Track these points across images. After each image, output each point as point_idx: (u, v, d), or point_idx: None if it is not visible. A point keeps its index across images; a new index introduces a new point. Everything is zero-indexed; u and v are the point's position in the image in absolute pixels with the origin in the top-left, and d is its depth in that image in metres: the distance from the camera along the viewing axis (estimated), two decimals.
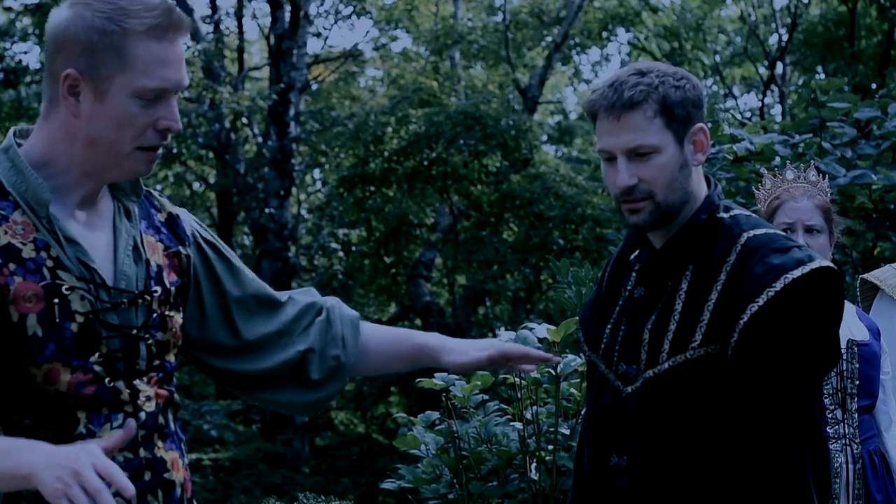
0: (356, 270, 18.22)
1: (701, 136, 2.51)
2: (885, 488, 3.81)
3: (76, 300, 2.07)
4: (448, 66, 19.88)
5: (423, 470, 4.60)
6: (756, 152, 6.00)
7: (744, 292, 2.38)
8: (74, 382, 2.07)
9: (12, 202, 2.09)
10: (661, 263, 2.54)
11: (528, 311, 17.26)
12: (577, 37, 21.23)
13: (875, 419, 3.88)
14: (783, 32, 19.97)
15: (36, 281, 2.05)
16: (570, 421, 4.44)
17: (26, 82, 18.52)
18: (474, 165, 16.41)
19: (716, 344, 2.41)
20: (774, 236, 2.47)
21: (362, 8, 20.06)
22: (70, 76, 2.07)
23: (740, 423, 2.40)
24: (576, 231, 15.70)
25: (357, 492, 15.15)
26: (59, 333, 2.05)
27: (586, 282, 5.19)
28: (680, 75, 2.51)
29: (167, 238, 2.30)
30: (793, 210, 3.72)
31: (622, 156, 2.47)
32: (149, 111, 2.10)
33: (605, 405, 2.56)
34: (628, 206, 2.49)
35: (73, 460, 1.82)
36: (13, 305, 2.03)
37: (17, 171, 2.11)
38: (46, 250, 2.08)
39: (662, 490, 2.44)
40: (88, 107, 2.09)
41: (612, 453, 2.52)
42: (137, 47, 2.07)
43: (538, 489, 4.28)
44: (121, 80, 2.07)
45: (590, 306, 2.75)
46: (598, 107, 2.48)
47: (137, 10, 2.07)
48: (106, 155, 2.12)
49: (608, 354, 2.58)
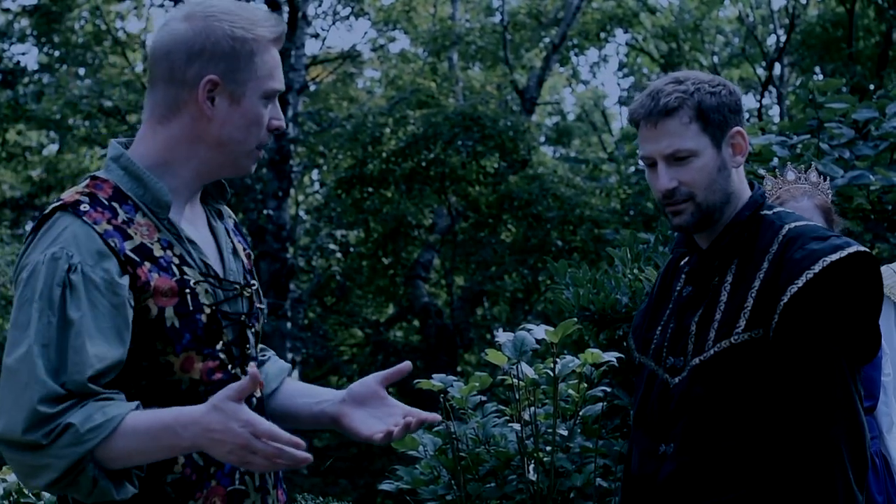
0: (354, 271, 18.21)
1: (739, 139, 2.63)
2: (886, 489, 3.82)
3: (202, 293, 2.23)
4: (446, 67, 19.88)
5: (421, 471, 4.60)
6: (754, 153, 6.00)
7: (784, 277, 2.50)
8: (206, 369, 2.22)
9: (132, 206, 2.23)
10: (709, 261, 2.65)
11: (526, 312, 17.25)
12: (575, 38, 21.22)
13: (876, 421, 3.89)
14: (781, 33, 19.98)
15: (169, 277, 2.20)
16: (568, 422, 4.43)
17: (24, 83, 18.52)
18: (472, 166, 16.40)
19: (759, 328, 2.51)
20: (815, 227, 2.60)
21: (360, 9, 20.07)
22: (211, 81, 2.23)
23: (780, 406, 2.48)
24: (574, 232, 15.70)
25: (355, 493, 15.16)
26: (192, 324, 2.21)
27: (584, 283, 5.19)
28: (716, 82, 2.64)
29: (241, 240, 2.48)
30: (793, 210, 3.73)
31: (661, 161, 2.59)
32: (266, 112, 2.30)
33: (654, 399, 2.66)
34: (671, 208, 2.61)
35: (234, 435, 1.99)
36: (153, 300, 2.17)
37: (133, 177, 2.25)
38: (171, 249, 2.23)
39: (705, 473, 2.52)
40: (224, 110, 2.25)
41: (661, 443, 2.61)
42: (265, 53, 2.27)
43: (536, 490, 4.28)
44: (254, 84, 2.26)
45: (641, 315, 2.86)
46: (637, 115, 2.63)
47: (261, 20, 2.28)
48: (229, 154, 2.29)
49: (658, 352, 2.69)
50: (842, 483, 2.44)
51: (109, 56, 20.66)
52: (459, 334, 17.41)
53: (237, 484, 2.25)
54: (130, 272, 2.15)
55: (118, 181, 2.24)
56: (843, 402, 2.48)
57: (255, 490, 2.29)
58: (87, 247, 2.13)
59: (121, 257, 2.14)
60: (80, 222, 2.15)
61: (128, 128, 18.31)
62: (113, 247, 2.14)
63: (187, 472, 2.19)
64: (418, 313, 17.94)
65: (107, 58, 20.64)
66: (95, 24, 20.41)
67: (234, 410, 2.00)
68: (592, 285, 5.20)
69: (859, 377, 2.58)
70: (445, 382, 4.45)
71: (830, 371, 2.48)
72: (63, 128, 19.19)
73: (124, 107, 18.68)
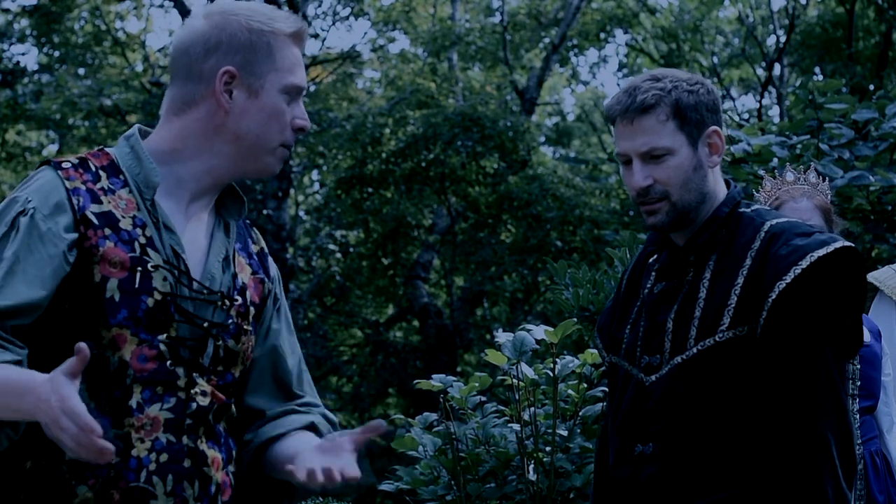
0: (354, 272, 18.20)
1: (716, 139, 2.60)
2: (886, 489, 3.82)
3: (158, 279, 2.18)
4: (446, 68, 19.87)
5: (420, 471, 4.60)
6: (754, 154, 6.01)
7: (770, 273, 2.46)
8: (137, 354, 2.16)
9: (122, 180, 2.23)
10: (684, 256, 2.61)
11: (525, 313, 17.24)
12: (574, 38, 21.21)
13: (877, 420, 3.90)
14: (781, 34, 19.98)
15: (126, 251, 2.17)
16: (568, 422, 4.44)
17: (24, 83, 18.51)
18: (472, 167, 16.40)
19: (744, 326, 2.48)
20: (797, 223, 2.57)
21: (360, 9, 20.07)
22: (228, 72, 2.23)
23: (766, 403, 2.46)
24: (573, 232, 15.70)
25: (355, 493, 15.15)
26: (133, 303, 2.16)
27: (584, 283, 5.19)
28: (694, 81, 2.60)
29: (256, 265, 2.40)
30: (792, 211, 3.75)
31: (637, 158, 2.56)
32: (288, 109, 2.28)
33: (628, 399, 2.61)
34: (645, 207, 2.58)
35: (48, 407, 1.91)
36: (98, 266, 2.15)
37: (135, 156, 2.26)
38: (142, 228, 2.20)
39: (689, 473, 2.49)
40: (242, 102, 2.24)
41: (637, 443, 2.56)
42: (284, 48, 2.27)
43: (536, 490, 4.28)
44: (273, 78, 2.25)
45: (608, 313, 2.80)
46: (614, 112, 2.60)
47: (280, 16, 2.29)
48: (248, 149, 2.26)
49: (630, 351, 2.64)
50: (831, 480, 2.40)
51: (109, 56, 20.66)
52: (459, 335, 17.40)
53: (142, 482, 2.14)
54: (82, 231, 2.15)
55: (120, 156, 2.26)
56: (830, 398, 2.45)
57: (165, 494, 2.15)
58: (48, 197, 2.16)
59: (77, 215, 2.15)
60: (54, 175, 2.19)
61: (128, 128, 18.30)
62: (74, 203, 2.16)
63: None
64: (418, 314, 17.93)
65: (106, 58, 20.64)
66: (95, 25, 20.41)
67: (58, 384, 1.91)
68: (592, 286, 5.20)
69: (845, 371, 2.57)
70: (445, 383, 4.45)
71: (817, 367, 2.45)
72: (63, 127, 19.19)
73: (124, 106, 18.68)
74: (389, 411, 18.62)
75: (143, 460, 2.15)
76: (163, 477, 2.16)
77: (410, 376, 15.47)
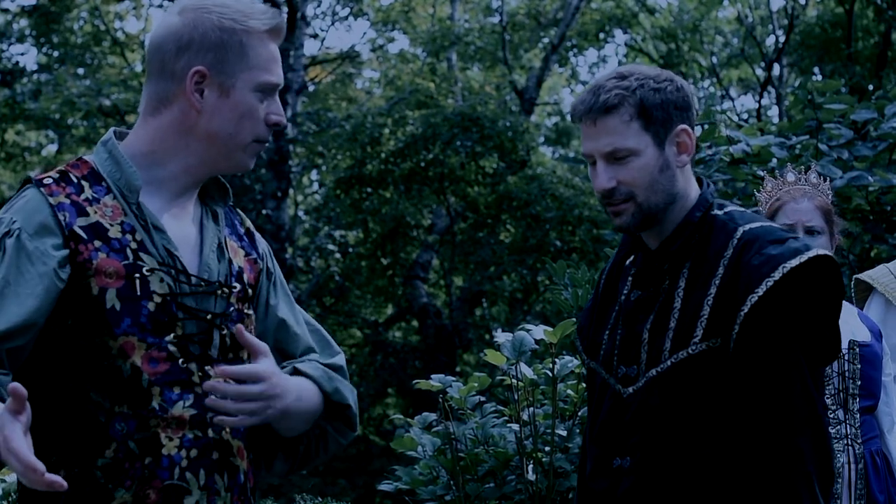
0: (353, 272, 18.20)
1: (684, 138, 2.51)
2: (887, 488, 3.82)
3: (155, 282, 2.19)
4: (445, 68, 19.87)
5: (419, 471, 4.60)
6: (753, 154, 6.00)
7: (743, 284, 2.40)
8: (148, 358, 2.17)
9: (105, 187, 2.23)
10: (658, 263, 2.54)
11: (524, 313, 17.24)
12: (574, 38, 21.22)
13: (877, 420, 3.90)
14: (780, 34, 19.98)
15: (119, 259, 2.18)
16: (567, 422, 4.43)
17: (23, 83, 18.51)
18: (471, 167, 16.40)
19: (717, 338, 2.42)
20: (770, 228, 2.49)
21: (359, 9, 20.08)
22: (199, 72, 2.22)
23: (742, 416, 2.40)
24: (573, 232, 15.70)
25: (354, 493, 15.15)
26: (135, 310, 2.17)
27: (583, 283, 5.18)
28: (662, 77, 2.51)
29: (248, 246, 2.42)
30: (793, 211, 3.75)
31: (601, 159, 2.50)
32: (262, 106, 2.27)
33: (606, 410, 2.56)
34: (611, 208, 2.52)
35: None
36: (94, 279, 2.15)
37: (114, 161, 2.26)
38: (132, 234, 2.21)
39: (667, 487, 2.44)
40: (213, 102, 2.24)
41: (615, 456, 2.51)
42: (258, 45, 2.25)
43: (535, 490, 4.28)
44: (245, 76, 2.24)
45: (587, 314, 2.74)
46: (577, 112, 2.52)
47: (255, 13, 2.26)
48: (221, 147, 2.27)
49: (608, 359, 2.58)
50: (807, 494, 2.35)
51: (108, 56, 20.66)
52: (458, 334, 17.40)
53: (176, 479, 2.18)
54: (72, 247, 2.15)
55: (99, 163, 2.26)
56: (805, 410, 2.39)
57: (199, 489, 2.21)
58: (33, 217, 2.16)
59: (65, 231, 2.16)
60: (37, 193, 2.19)
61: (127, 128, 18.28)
62: (61, 220, 2.16)
63: (119, 457, 2.15)
64: (417, 313, 17.93)
65: (105, 58, 20.64)
66: (94, 25, 20.41)
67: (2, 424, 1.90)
68: (591, 286, 5.19)
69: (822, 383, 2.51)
70: (444, 383, 4.45)
71: (793, 380, 2.38)
72: (62, 127, 19.19)
73: (123, 106, 18.68)
74: (388, 411, 18.62)
75: (175, 457, 2.18)
76: (195, 472, 2.21)
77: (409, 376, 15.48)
